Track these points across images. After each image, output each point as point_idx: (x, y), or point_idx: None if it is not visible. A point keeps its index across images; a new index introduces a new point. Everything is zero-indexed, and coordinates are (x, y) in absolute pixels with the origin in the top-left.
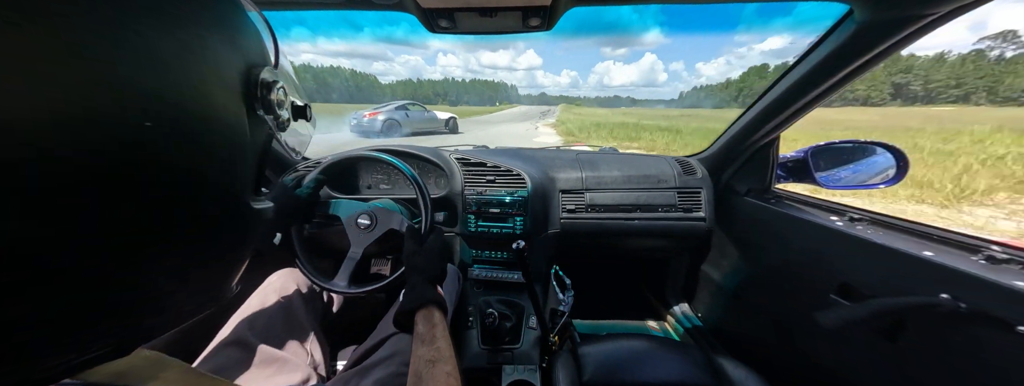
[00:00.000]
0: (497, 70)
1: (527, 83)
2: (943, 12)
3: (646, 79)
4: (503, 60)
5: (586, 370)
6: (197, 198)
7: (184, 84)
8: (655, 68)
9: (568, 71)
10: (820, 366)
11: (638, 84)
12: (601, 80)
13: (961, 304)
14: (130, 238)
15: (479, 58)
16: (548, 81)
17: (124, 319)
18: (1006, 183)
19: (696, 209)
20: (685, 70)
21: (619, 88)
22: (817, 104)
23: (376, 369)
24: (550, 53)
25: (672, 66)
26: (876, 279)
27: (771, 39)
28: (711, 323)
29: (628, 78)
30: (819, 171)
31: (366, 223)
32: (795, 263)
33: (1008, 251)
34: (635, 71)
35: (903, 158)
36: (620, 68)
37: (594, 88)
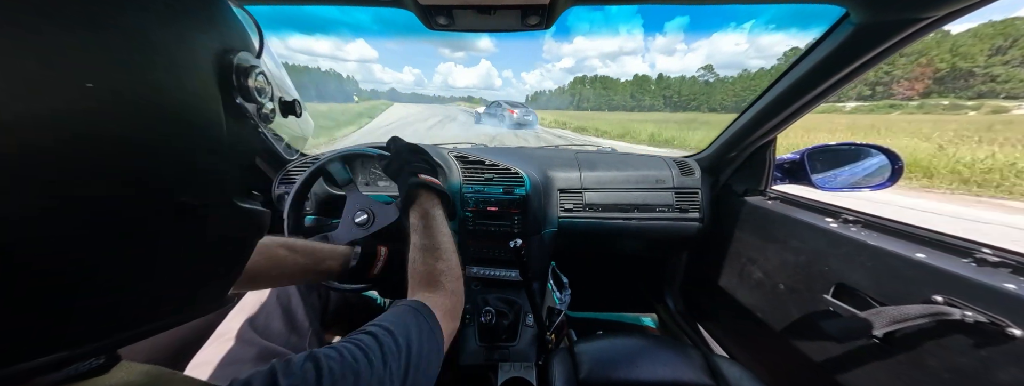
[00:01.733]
0: (316, 57)
1: (363, 77)
2: (938, 16)
3: (485, 83)
4: (323, 47)
5: (582, 368)
6: (168, 192)
7: (148, 61)
8: (491, 73)
9: (411, 68)
10: (814, 365)
11: (479, 87)
12: (445, 80)
13: (970, 315)
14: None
15: (287, 42)
16: (388, 77)
17: (102, 320)
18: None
19: (693, 209)
20: (514, 77)
21: (463, 89)
22: (814, 106)
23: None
24: (383, 46)
25: (504, 73)
26: (870, 281)
27: (565, 59)
28: (707, 322)
29: (469, 81)
30: (815, 173)
31: (363, 218)
32: (790, 264)
33: (999, 254)
34: (475, 75)
35: (898, 161)
36: (462, 70)
37: (440, 88)
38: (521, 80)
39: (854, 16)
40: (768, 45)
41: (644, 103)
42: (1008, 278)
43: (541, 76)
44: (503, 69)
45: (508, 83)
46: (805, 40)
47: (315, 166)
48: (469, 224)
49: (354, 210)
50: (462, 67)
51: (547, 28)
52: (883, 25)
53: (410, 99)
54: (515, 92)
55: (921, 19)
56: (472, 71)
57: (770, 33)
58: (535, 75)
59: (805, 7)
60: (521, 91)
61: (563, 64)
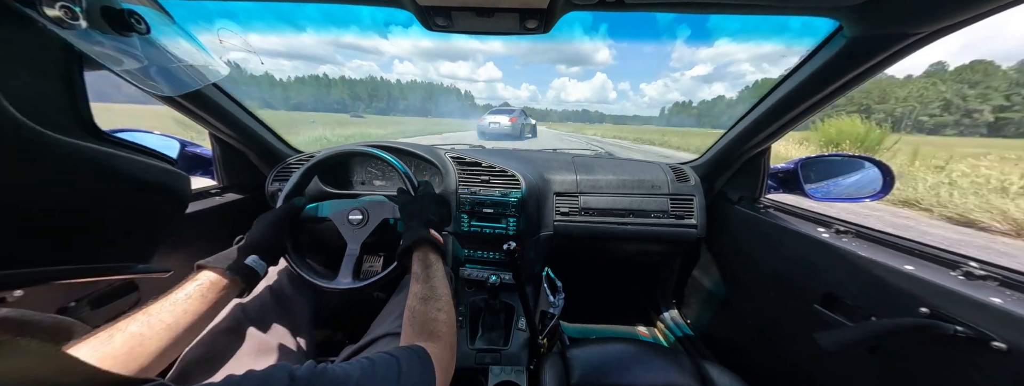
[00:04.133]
0: (457, 80)
1: (488, 95)
2: (928, 32)
3: (598, 96)
4: (463, 71)
5: (574, 373)
6: None
7: None
8: (606, 86)
9: (527, 85)
10: (803, 374)
11: (592, 100)
12: (558, 95)
13: (957, 327)
14: None
15: (438, 67)
16: (508, 94)
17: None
18: None
19: (688, 216)
20: (631, 90)
21: (574, 103)
22: (807, 117)
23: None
24: (509, 67)
25: (620, 85)
26: (859, 291)
27: (698, 67)
28: (699, 328)
29: (582, 94)
30: (808, 183)
31: (358, 218)
32: (782, 272)
33: (985, 267)
34: (588, 88)
35: (889, 173)
36: (575, 85)
37: (552, 102)
38: (639, 92)
39: (847, 30)
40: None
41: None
42: (994, 292)
43: (665, 86)
44: (619, 81)
45: (623, 96)
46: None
47: (310, 163)
48: (464, 226)
49: (347, 210)
50: (575, 81)
51: (545, 32)
52: (875, 39)
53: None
54: (631, 105)
55: (912, 35)
56: (585, 85)
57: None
58: (657, 86)
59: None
60: (638, 104)
61: (696, 72)
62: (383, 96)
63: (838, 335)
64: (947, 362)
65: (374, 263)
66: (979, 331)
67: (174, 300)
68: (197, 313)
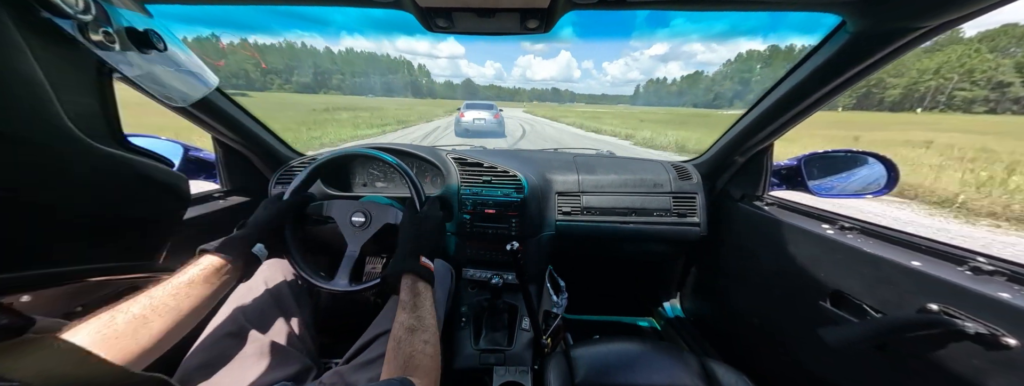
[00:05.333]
0: (416, 55)
1: (451, 72)
2: (933, 26)
3: (564, 75)
4: (422, 47)
5: (578, 373)
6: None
7: None
8: (570, 65)
9: (492, 62)
10: (809, 372)
11: (557, 79)
12: (524, 73)
13: (966, 323)
14: None
15: (395, 43)
16: (473, 71)
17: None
18: None
19: (691, 214)
20: (594, 68)
21: (541, 81)
22: (810, 113)
23: (372, 366)
24: (471, 43)
25: (584, 64)
26: (865, 288)
27: (656, 45)
28: (704, 326)
29: (549, 73)
30: (812, 179)
31: (360, 221)
32: (787, 270)
33: (993, 263)
34: (554, 67)
35: (894, 168)
36: (541, 63)
37: (518, 80)
38: (602, 70)
39: (851, 25)
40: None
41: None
42: (1003, 287)
43: (626, 66)
44: (583, 59)
45: (588, 74)
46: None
47: (315, 164)
48: (466, 226)
49: (351, 211)
50: (541, 59)
51: (546, 31)
52: (879, 34)
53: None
54: (595, 84)
55: (916, 29)
56: (552, 63)
57: None
58: (619, 65)
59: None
60: (602, 83)
61: (653, 51)
62: (307, 69)
63: (845, 332)
64: (956, 358)
65: (376, 265)
66: (989, 327)
67: (176, 283)
68: (199, 296)
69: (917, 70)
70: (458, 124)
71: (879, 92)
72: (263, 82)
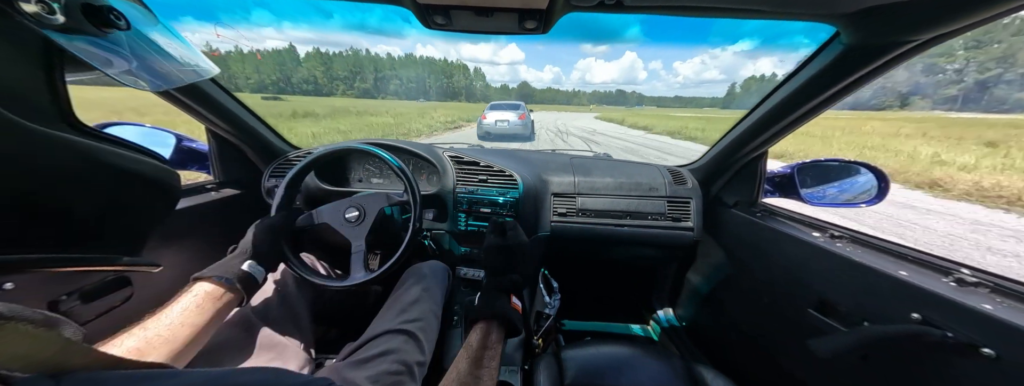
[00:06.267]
0: (480, 63)
1: (510, 77)
2: (925, 39)
3: (626, 77)
4: (484, 54)
5: (568, 374)
6: None
7: None
8: (635, 66)
9: (550, 67)
10: (795, 378)
11: (619, 82)
12: (583, 77)
13: (948, 334)
14: None
15: (460, 50)
16: (531, 76)
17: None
18: None
19: (685, 219)
20: (663, 69)
21: (600, 84)
22: (804, 122)
23: (370, 364)
24: (531, 48)
25: (651, 65)
26: (852, 296)
27: (742, 42)
28: (694, 331)
29: (609, 75)
30: (804, 187)
31: (355, 215)
32: (777, 276)
33: (977, 274)
34: (615, 69)
35: (884, 179)
36: (602, 65)
37: (577, 83)
38: (673, 71)
39: (844, 36)
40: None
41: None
42: (985, 298)
43: (702, 64)
44: (651, 60)
45: (655, 75)
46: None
47: (308, 159)
48: (461, 225)
49: (342, 210)
50: (602, 62)
51: (544, 32)
52: (872, 46)
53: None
54: (662, 85)
55: (908, 42)
56: (613, 65)
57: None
58: (693, 64)
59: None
60: (671, 84)
61: (739, 47)
62: (368, 75)
63: (832, 341)
64: (937, 369)
65: (371, 261)
66: (969, 338)
67: (170, 313)
68: (195, 326)
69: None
70: (480, 126)
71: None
72: (329, 88)
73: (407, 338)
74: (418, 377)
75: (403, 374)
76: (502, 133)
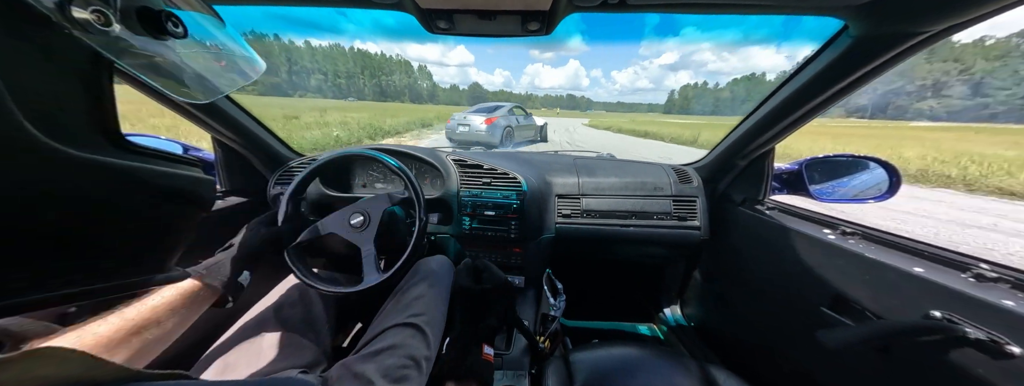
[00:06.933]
0: (427, 63)
1: (461, 79)
2: (935, 31)
3: (572, 83)
4: (432, 54)
5: (577, 377)
6: None
7: None
8: (578, 73)
9: (500, 70)
10: (811, 378)
11: (566, 87)
12: (532, 81)
13: (969, 331)
14: None
15: (406, 50)
16: (482, 79)
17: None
18: None
19: (691, 218)
20: (603, 77)
21: (549, 89)
22: (812, 117)
23: (378, 357)
24: (481, 51)
25: (592, 72)
26: (867, 293)
27: (666, 55)
28: (704, 331)
29: (557, 81)
30: (813, 184)
31: (360, 219)
32: (788, 274)
33: (997, 270)
34: (562, 75)
35: (895, 173)
36: (549, 70)
37: (526, 88)
38: (611, 79)
39: (853, 29)
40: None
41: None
42: (1007, 294)
43: (635, 74)
44: (592, 68)
45: (596, 83)
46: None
47: (313, 166)
48: (465, 228)
49: (346, 218)
50: (549, 67)
51: (547, 33)
52: (881, 38)
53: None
54: (603, 92)
55: (919, 33)
56: (559, 71)
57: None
58: (627, 74)
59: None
60: (610, 91)
61: (663, 60)
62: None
63: (843, 333)
64: (960, 368)
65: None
66: (992, 335)
67: (148, 304)
68: (170, 319)
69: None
70: (447, 130)
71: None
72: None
73: (414, 332)
74: (425, 371)
75: (410, 367)
76: (463, 139)
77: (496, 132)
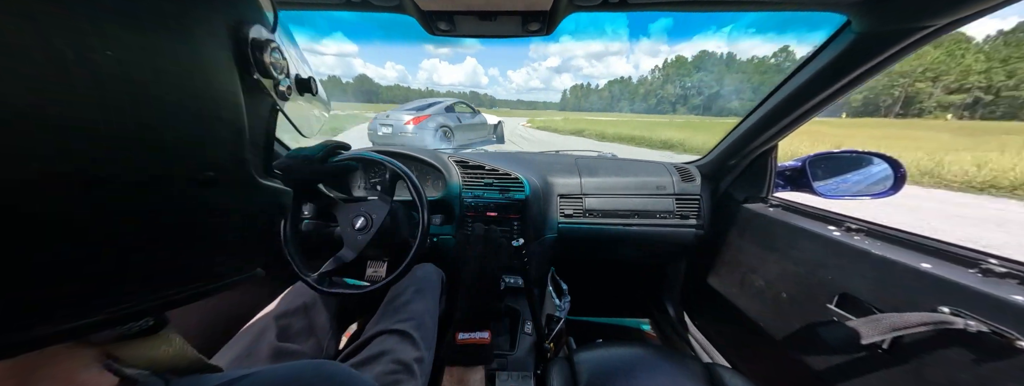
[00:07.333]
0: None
1: (342, 71)
2: (939, 25)
3: (472, 81)
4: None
5: (581, 377)
6: (193, 166)
7: (165, 30)
8: (477, 71)
9: (393, 64)
10: (817, 376)
11: (467, 85)
12: (430, 77)
13: (979, 327)
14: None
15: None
16: (371, 71)
17: (139, 284)
18: None
19: (694, 216)
20: (500, 75)
21: (449, 86)
22: (815, 113)
23: (367, 366)
24: (365, 39)
25: (490, 71)
26: (874, 290)
27: (551, 59)
28: (708, 330)
29: (456, 78)
30: (817, 180)
31: (362, 224)
32: (792, 272)
33: (1006, 264)
34: (461, 72)
35: (900, 168)
36: (447, 67)
37: (425, 83)
38: (508, 78)
39: (856, 24)
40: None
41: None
42: (1016, 289)
43: (528, 74)
44: (489, 67)
45: (495, 81)
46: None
47: (349, 154)
48: (468, 229)
49: (352, 216)
50: (447, 64)
51: (548, 34)
52: (884, 34)
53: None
54: (502, 90)
55: (923, 28)
56: (458, 68)
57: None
58: (522, 74)
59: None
60: (508, 90)
61: (549, 63)
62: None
63: (845, 330)
64: (967, 363)
65: (378, 268)
66: (1001, 330)
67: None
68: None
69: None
70: (369, 132)
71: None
72: None
73: (401, 337)
74: (419, 373)
75: (400, 372)
76: (387, 142)
77: (425, 134)
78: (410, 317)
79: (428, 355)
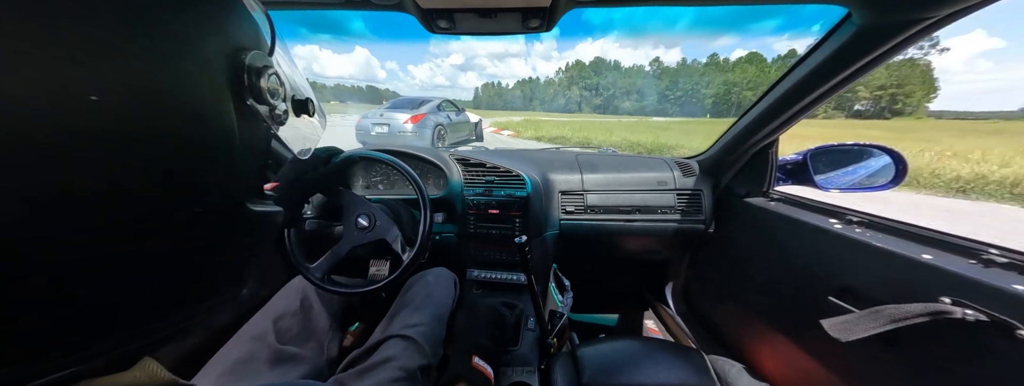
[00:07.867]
0: None
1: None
2: (941, 16)
3: (365, 74)
4: None
5: (585, 372)
6: (180, 197)
7: (158, 56)
8: (371, 63)
9: None
10: (819, 368)
11: (360, 78)
12: (310, 66)
13: (981, 317)
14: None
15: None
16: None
17: (123, 318)
18: None
19: (695, 211)
20: (400, 70)
21: (338, 78)
22: (816, 106)
23: (372, 373)
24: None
25: (387, 64)
26: (875, 282)
27: (454, 56)
28: (710, 324)
29: (345, 70)
30: (818, 174)
31: (364, 224)
32: (794, 265)
33: (1007, 254)
34: (351, 63)
35: (901, 161)
36: (331, 56)
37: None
38: (409, 73)
39: (856, 17)
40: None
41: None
42: (1017, 279)
43: (431, 71)
44: (386, 60)
45: (394, 75)
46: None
47: (346, 155)
48: (470, 227)
49: (355, 215)
50: (330, 52)
51: (548, 30)
52: (885, 26)
53: None
54: (404, 86)
55: (924, 19)
56: (346, 59)
57: None
58: (424, 69)
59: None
60: (412, 86)
61: (453, 60)
62: None
63: (849, 322)
64: (970, 354)
65: (381, 267)
66: (1004, 320)
67: None
68: None
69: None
70: (359, 132)
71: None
72: None
73: (408, 344)
74: (424, 381)
75: (404, 380)
76: (382, 142)
77: (425, 133)
78: (419, 323)
79: (433, 362)
